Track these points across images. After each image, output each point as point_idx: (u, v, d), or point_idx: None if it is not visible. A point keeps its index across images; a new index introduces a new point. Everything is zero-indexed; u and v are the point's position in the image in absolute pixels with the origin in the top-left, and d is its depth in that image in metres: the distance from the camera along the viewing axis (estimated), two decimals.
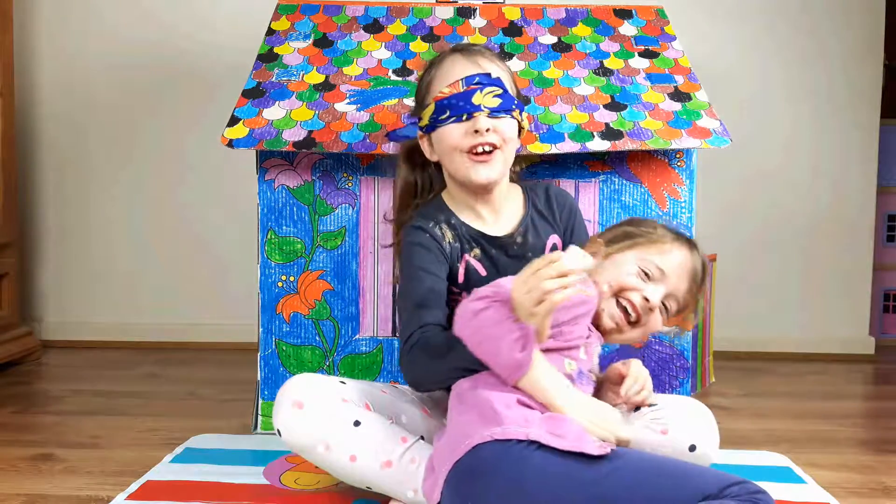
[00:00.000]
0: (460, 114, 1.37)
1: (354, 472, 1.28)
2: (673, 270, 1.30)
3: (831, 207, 2.79)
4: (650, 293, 1.28)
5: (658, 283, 1.29)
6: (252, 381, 1.86)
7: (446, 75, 1.42)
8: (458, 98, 1.38)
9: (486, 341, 1.17)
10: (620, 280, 1.29)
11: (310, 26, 1.94)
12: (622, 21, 1.99)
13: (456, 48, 1.47)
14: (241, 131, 1.69)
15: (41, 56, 2.77)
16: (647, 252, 1.31)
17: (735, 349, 2.75)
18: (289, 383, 1.31)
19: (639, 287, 1.28)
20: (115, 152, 2.78)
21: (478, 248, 1.44)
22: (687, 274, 1.32)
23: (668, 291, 1.30)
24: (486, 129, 1.36)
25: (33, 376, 2.38)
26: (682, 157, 1.77)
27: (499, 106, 1.38)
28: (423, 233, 1.43)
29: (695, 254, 1.34)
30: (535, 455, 1.08)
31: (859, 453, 1.75)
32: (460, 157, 1.39)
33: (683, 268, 1.31)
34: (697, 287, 1.34)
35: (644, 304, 1.28)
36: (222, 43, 2.71)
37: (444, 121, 1.39)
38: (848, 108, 2.76)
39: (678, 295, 1.31)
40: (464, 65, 1.41)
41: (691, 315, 1.36)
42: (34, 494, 1.43)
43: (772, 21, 2.74)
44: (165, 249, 2.78)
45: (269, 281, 1.77)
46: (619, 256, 1.31)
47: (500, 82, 1.40)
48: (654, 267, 1.29)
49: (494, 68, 1.42)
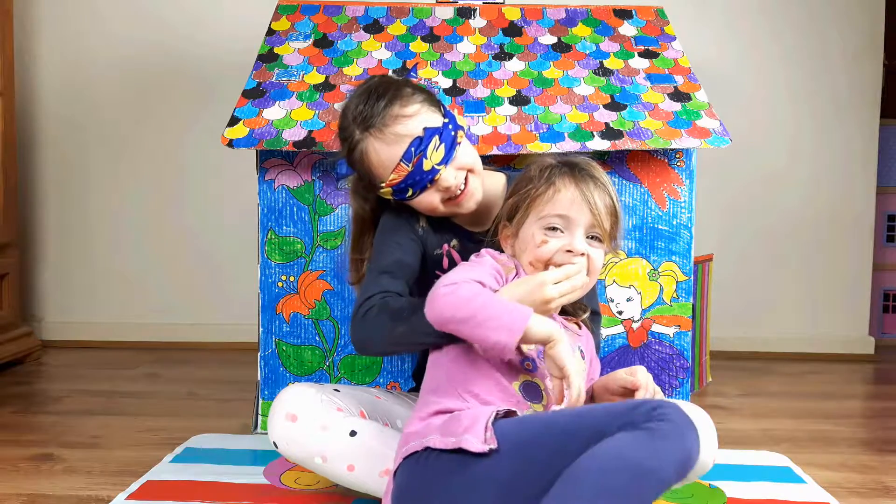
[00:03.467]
0: (424, 186, 1.34)
1: (353, 480, 1.28)
2: (571, 206, 1.24)
3: (831, 207, 2.79)
4: (571, 244, 1.23)
5: (571, 229, 1.24)
6: (252, 381, 1.86)
7: (378, 163, 1.35)
8: (412, 176, 1.33)
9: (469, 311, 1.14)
10: (536, 254, 1.24)
11: (310, 26, 1.94)
12: (622, 21, 1.99)
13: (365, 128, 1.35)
14: (241, 131, 1.69)
15: (41, 56, 2.77)
16: (540, 211, 1.25)
17: (735, 349, 2.75)
18: (282, 395, 1.30)
19: (556, 248, 1.23)
20: (116, 152, 2.78)
21: (456, 240, 1.44)
22: (582, 201, 1.24)
23: (584, 227, 1.24)
24: (455, 178, 1.34)
25: (33, 376, 2.38)
26: (681, 157, 1.77)
27: (448, 151, 1.33)
28: (397, 214, 1.43)
29: (580, 177, 1.26)
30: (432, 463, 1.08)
31: (859, 453, 1.75)
32: (444, 207, 1.38)
33: (576, 200, 1.24)
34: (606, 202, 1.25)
35: (575, 255, 1.23)
36: (222, 43, 2.71)
37: (410, 197, 1.36)
38: (848, 108, 2.76)
39: (594, 220, 1.24)
40: (387, 150, 1.34)
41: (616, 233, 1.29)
42: (34, 494, 1.43)
43: (772, 21, 2.74)
44: (166, 249, 2.79)
45: (270, 281, 1.77)
46: (523, 230, 1.27)
47: (431, 131, 1.33)
48: (554, 219, 1.24)
49: (413, 123, 1.33)
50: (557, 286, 1.20)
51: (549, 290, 1.19)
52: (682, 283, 1.78)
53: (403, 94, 1.36)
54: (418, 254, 1.41)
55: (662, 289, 1.77)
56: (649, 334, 1.78)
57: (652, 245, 1.77)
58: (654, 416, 0.99)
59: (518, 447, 1.04)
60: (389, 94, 1.35)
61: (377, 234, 1.44)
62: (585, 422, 1.03)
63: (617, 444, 0.97)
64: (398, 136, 1.33)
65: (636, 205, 1.77)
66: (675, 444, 0.98)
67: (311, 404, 1.28)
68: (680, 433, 0.99)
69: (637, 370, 1.26)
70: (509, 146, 1.67)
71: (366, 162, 1.37)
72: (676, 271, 1.77)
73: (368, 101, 1.35)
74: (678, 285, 1.78)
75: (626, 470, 0.94)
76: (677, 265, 1.77)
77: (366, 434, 1.28)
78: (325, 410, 1.28)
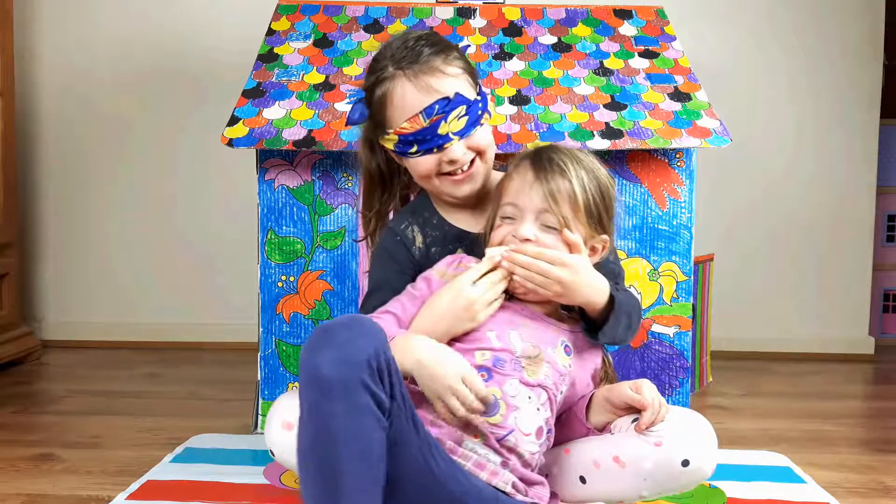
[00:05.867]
0: (430, 148, 1.27)
1: None
2: (518, 193, 1.20)
3: (831, 207, 2.79)
4: (518, 231, 1.19)
5: (520, 216, 1.20)
6: (252, 381, 1.86)
7: (399, 105, 1.28)
8: (423, 133, 1.26)
9: None
10: (494, 241, 1.22)
11: (310, 26, 1.94)
12: (622, 21, 1.99)
13: (399, 64, 1.28)
14: (241, 131, 1.69)
15: (41, 56, 2.77)
16: (500, 199, 1.23)
17: (735, 349, 2.75)
18: (278, 402, 1.27)
19: (502, 235, 1.20)
20: (115, 152, 2.78)
21: (462, 248, 1.35)
22: (534, 185, 1.19)
23: (532, 214, 1.19)
24: (462, 154, 1.28)
25: (33, 376, 2.38)
26: (681, 157, 1.77)
27: (467, 124, 1.27)
28: (393, 236, 1.36)
29: (536, 163, 1.21)
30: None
31: (859, 453, 1.75)
32: (438, 180, 1.31)
33: (525, 184, 1.19)
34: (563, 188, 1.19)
35: (521, 239, 1.19)
36: (222, 43, 2.71)
37: (413, 154, 1.29)
38: (848, 107, 2.76)
39: (544, 207, 1.19)
40: (415, 95, 1.26)
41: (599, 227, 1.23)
42: (34, 494, 1.44)
43: (772, 21, 2.74)
44: (166, 249, 2.78)
45: (269, 281, 1.77)
46: (495, 224, 1.24)
47: (460, 98, 1.27)
48: (505, 207, 1.21)
49: (448, 83, 1.27)
50: (478, 286, 1.17)
51: (467, 291, 1.17)
52: (682, 284, 1.77)
53: (450, 53, 1.31)
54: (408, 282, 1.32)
55: (662, 289, 1.77)
56: (649, 334, 1.78)
57: (652, 245, 1.77)
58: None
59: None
60: (438, 46, 1.30)
61: (371, 260, 1.39)
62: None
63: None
64: (429, 88, 1.26)
65: (636, 205, 1.76)
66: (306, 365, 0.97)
67: None
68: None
69: (642, 385, 1.18)
70: (509, 145, 1.67)
71: (386, 101, 1.29)
72: (676, 271, 1.77)
73: (415, 44, 1.30)
74: (678, 285, 1.77)
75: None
76: (677, 265, 1.77)
77: None
78: None
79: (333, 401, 0.95)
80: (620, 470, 1.17)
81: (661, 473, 1.16)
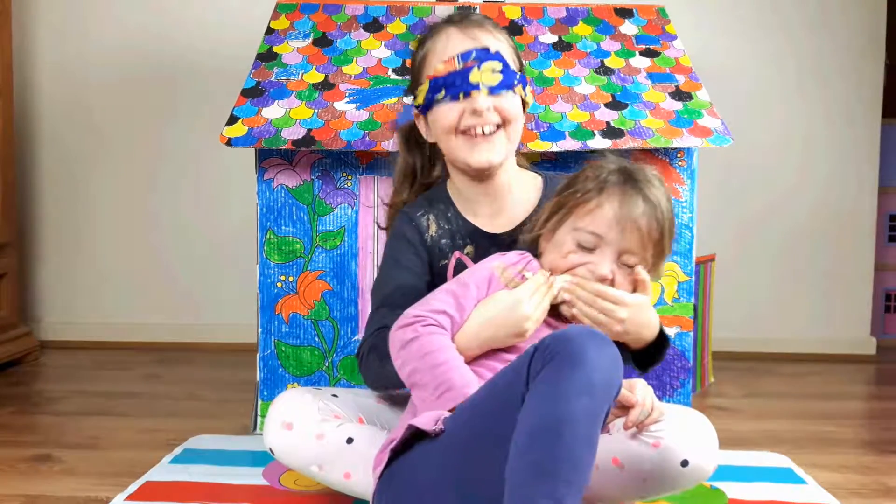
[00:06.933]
0: (456, 93, 1.27)
1: (350, 487, 1.27)
2: (609, 229, 1.16)
3: (832, 207, 2.78)
4: (595, 266, 1.17)
5: (601, 249, 1.17)
6: (251, 382, 1.85)
7: (441, 51, 1.31)
8: (455, 76, 1.27)
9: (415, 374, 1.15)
10: (559, 262, 1.19)
11: (309, 25, 1.94)
12: (623, 20, 1.99)
13: (450, 19, 1.35)
14: (240, 130, 1.69)
15: (40, 55, 2.76)
16: (578, 220, 1.18)
17: (735, 349, 2.74)
18: (278, 402, 1.28)
19: (578, 263, 1.18)
20: (115, 152, 2.77)
21: (471, 246, 1.36)
22: (628, 223, 1.16)
23: (616, 252, 1.17)
24: (487, 109, 1.27)
25: (32, 376, 2.37)
26: (682, 156, 1.76)
27: (499, 83, 1.28)
28: (408, 221, 1.37)
29: (630, 196, 1.18)
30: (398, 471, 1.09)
31: (860, 454, 1.75)
32: (457, 139, 1.30)
33: (619, 220, 1.16)
34: (653, 229, 1.18)
35: (598, 278, 1.17)
36: (222, 42, 2.70)
37: (439, 100, 1.29)
38: (849, 107, 2.75)
39: (631, 247, 1.17)
40: (459, 39, 1.30)
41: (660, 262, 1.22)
42: (33, 495, 1.43)
43: (773, 20, 2.74)
44: (165, 249, 2.78)
45: (269, 281, 1.76)
46: (558, 235, 1.21)
47: (500, 56, 1.29)
48: (587, 236, 1.17)
49: (493, 41, 1.31)
50: (533, 301, 1.17)
51: (525, 307, 1.16)
52: (684, 284, 1.77)
53: (502, 29, 1.37)
54: (423, 270, 1.36)
55: (664, 289, 1.77)
56: None
57: None
58: (546, 358, 0.97)
59: (460, 426, 1.04)
60: (492, 21, 1.37)
61: (386, 244, 1.41)
62: (501, 394, 1.02)
63: (530, 414, 0.95)
64: (474, 36, 1.31)
65: None
66: (577, 375, 0.94)
67: (306, 412, 1.26)
68: (573, 361, 0.95)
69: (635, 384, 1.18)
70: None
71: (429, 51, 1.33)
72: (678, 271, 1.76)
73: (470, 8, 1.38)
74: (679, 285, 1.77)
75: (548, 432, 0.92)
76: (679, 265, 1.76)
77: (363, 441, 1.25)
78: (321, 418, 1.26)
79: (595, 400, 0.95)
80: (619, 471, 1.16)
81: (660, 474, 1.15)
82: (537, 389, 0.96)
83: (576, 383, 0.94)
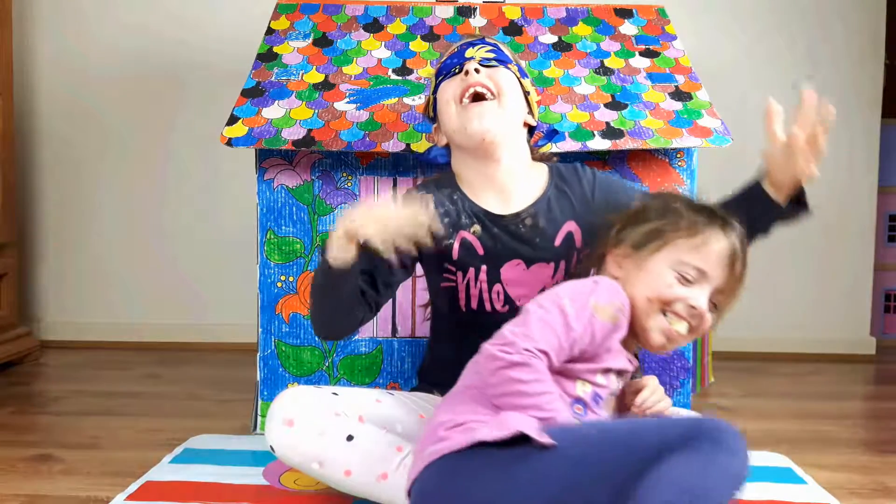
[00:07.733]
0: (452, 68, 1.42)
1: (350, 485, 1.27)
2: (713, 265, 1.18)
3: (832, 207, 2.78)
4: (695, 300, 1.16)
5: (701, 285, 1.17)
6: (252, 382, 1.85)
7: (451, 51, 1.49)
8: (452, 57, 1.43)
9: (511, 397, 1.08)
10: (661, 293, 1.16)
11: (309, 26, 1.94)
12: (623, 20, 1.99)
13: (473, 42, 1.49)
14: (240, 130, 1.69)
15: (40, 55, 2.77)
16: (680, 252, 1.18)
17: (735, 349, 2.74)
18: (279, 399, 1.29)
19: (682, 296, 1.16)
20: (115, 152, 2.77)
21: (478, 225, 1.40)
22: (727, 261, 1.18)
23: (713, 289, 1.19)
24: (476, 70, 1.38)
25: (32, 376, 2.37)
26: (682, 156, 1.76)
27: (492, 59, 1.41)
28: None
29: (729, 233, 1.20)
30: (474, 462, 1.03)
31: (860, 454, 1.75)
32: (454, 108, 1.40)
33: (722, 258, 1.18)
34: (738, 268, 1.20)
35: (692, 312, 1.17)
36: (222, 42, 2.70)
37: (440, 82, 1.44)
38: (849, 107, 2.75)
39: (723, 286, 1.19)
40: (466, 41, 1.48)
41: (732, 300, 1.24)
42: (33, 495, 1.43)
43: (773, 20, 2.74)
44: (165, 249, 2.78)
45: (269, 281, 1.76)
46: (651, 263, 1.18)
47: (498, 47, 1.44)
48: (692, 270, 1.17)
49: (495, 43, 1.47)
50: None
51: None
52: None
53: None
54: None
55: None
56: None
57: None
58: (709, 438, 0.97)
59: (575, 447, 1.00)
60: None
61: None
62: (643, 438, 0.99)
63: (674, 472, 0.95)
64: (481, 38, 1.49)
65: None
66: (730, 467, 0.98)
67: (308, 409, 1.26)
68: (732, 455, 0.98)
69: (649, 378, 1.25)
70: None
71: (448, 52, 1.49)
72: None
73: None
74: None
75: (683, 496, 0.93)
76: None
77: (363, 439, 1.26)
78: (322, 415, 1.26)
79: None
80: None
81: None
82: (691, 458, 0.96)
83: (728, 479, 0.99)
